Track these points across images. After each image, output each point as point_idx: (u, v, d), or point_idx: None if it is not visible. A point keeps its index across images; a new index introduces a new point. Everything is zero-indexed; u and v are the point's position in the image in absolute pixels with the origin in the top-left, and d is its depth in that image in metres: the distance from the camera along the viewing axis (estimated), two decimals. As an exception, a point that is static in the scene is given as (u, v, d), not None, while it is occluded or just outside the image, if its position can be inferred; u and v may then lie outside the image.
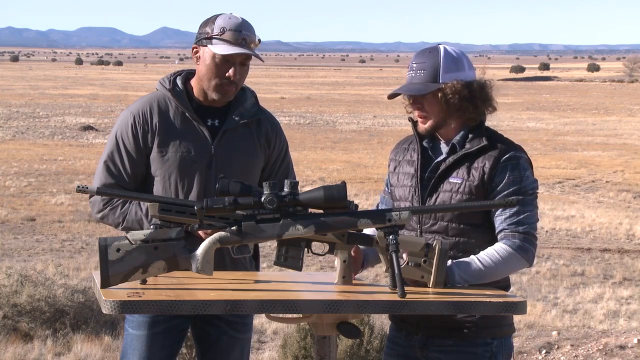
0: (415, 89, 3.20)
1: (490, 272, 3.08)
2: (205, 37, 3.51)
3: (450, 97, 3.16)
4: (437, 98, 3.18)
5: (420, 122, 3.24)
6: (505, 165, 3.15)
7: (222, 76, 3.51)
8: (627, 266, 13.70)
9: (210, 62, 3.50)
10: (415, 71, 3.21)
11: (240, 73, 3.53)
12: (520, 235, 3.11)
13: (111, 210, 3.54)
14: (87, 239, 14.54)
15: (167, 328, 3.57)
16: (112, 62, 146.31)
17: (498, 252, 3.10)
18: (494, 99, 3.25)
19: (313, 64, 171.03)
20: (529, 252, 3.12)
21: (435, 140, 3.29)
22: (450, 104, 3.17)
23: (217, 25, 3.49)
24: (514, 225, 3.12)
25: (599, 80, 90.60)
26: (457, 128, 3.23)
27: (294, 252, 2.94)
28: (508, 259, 3.10)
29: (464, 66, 3.22)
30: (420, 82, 3.19)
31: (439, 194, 3.19)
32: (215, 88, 3.53)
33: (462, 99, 3.17)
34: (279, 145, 3.73)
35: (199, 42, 3.54)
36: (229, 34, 3.47)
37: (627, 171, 24.44)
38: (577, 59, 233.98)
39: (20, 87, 64.12)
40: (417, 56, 3.25)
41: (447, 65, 3.19)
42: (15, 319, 8.26)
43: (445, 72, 3.18)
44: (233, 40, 3.46)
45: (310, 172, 22.99)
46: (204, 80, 3.55)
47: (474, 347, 3.18)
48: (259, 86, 64.67)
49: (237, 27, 3.48)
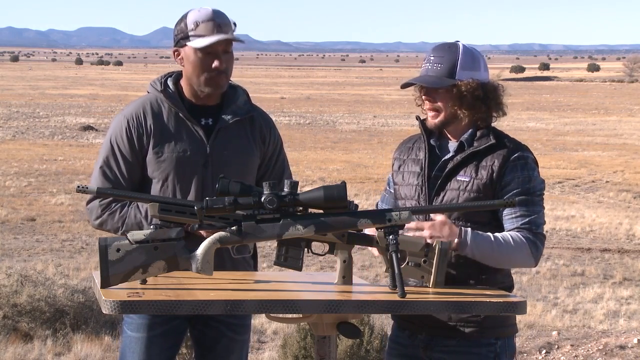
0: (430, 81, 3.19)
1: (499, 253, 3.07)
2: (182, 37, 3.50)
3: (464, 94, 3.16)
4: (450, 94, 3.18)
5: (431, 117, 3.23)
6: (515, 164, 3.15)
7: (209, 69, 3.50)
8: (627, 266, 13.70)
9: (194, 58, 3.49)
10: (432, 64, 3.20)
11: (226, 61, 3.52)
12: (534, 234, 3.12)
13: (110, 215, 3.52)
14: (87, 239, 14.54)
15: (165, 330, 3.56)
16: (112, 62, 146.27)
17: (513, 237, 3.10)
18: (505, 103, 3.25)
19: (313, 64, 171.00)
20: (538, 250, 3.13)
21: (442, 139, 3.29)
22: (463, 101, 3.17)
23: (189, 22, 3.48)
24: (527, 224, 3.12)
25: (599, 80, 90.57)
26: (466, 126, 3.23)
27: (294, 252, 2.94)
28: (519, 248, 3.09)
29: (480, 66, 3.22)
30: (436, 75, 3.19)
31: (446, 192, 3.19)
32: (206, 82, 3.52)
33: (475, 98, 3.17)
34: (274, 142, 3.73)
35: (177, 43, 3.54)
36: (203, 26, 3.46)
37: (627, 171, 24.43)
38: (577, 59, 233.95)
39: (20, 87, 64.11)
40: (435, 49, 3.24)
41: (465, 63, 3.18)
42: (15, 319, 8.26)
43: (462, 69, 3.18)
44: (209, 31, 3.46)
45: (310, 172, 22.98)
46: (193, 78, 3.54)
47: (478, 347, 3.18)
48: (259, 86, 64.66)
49: (209, 17, 3.47)
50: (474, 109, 3.18)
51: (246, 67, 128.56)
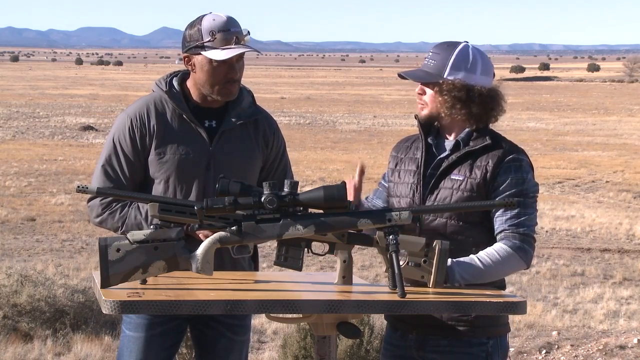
0: (418, 75, 3.25)
1: (490, 272, 3.09)
2: (196, 45, 3.45)
3: (445, 94, 3.19)
4: (434, 91, 3.22)
5: (419, 108, 3.29)
6: (508, 166, 3.16)
7: (223, 79, 3.48)
8: (627, 266, 13.70)
9: (208, 68, 3.46)
10: (428, 60, 3.27)
11: (239, 69, 3.52)
12: (521, 236, 3.12)
13: (110, 214, 3.51)
14: (87, 239, 14.55)
15: (164, 330, 3.56)
16: (112, 62, 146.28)
17: (498, 252, 3.10)
18: (497, 109, 3.24)
19: (313, 64, 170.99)
20: (527, 254, 3.13)
21: (439, 137, 3.30)
22: (444, 100, 3.20)
23: (205, 30, 3.43)
24: (515, 226, 3.12)
25: (599, 80, 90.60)
26: (459, 125, 3.24)
27: (294, 252, 2.94)
28: (507, 260, 3.10)
29: (476, 70, 3.22)
30: (427, 71, 3.24)
31: (439, 190, 3.20)
32: (219, 91, 3.50)
33: (455, 99, 3.19)
34: (277, 145, 3.71)
35: (188, 50, 3.48)
36: (220, 37, 3.42)
37: (627, 171, 24.44)
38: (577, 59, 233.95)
39: (20, 87, 64.11)
40: (436, 46, 3.29)
41: (456, 64, 3.20)
42: (15, 319, 8.26)
43: (452, 69, 3.20)
44: (226, 42, 3.42)
45: (310, 172, 22.99)
46: (205, 86, 3.50)
47: (470, 347, 3.18)
48: (259, 86, 64.65)
49: (225, 27, 3.43)
50: (452, 109, 3.20)
51: (246, 67, 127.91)
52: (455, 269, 3.03)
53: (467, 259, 3.08)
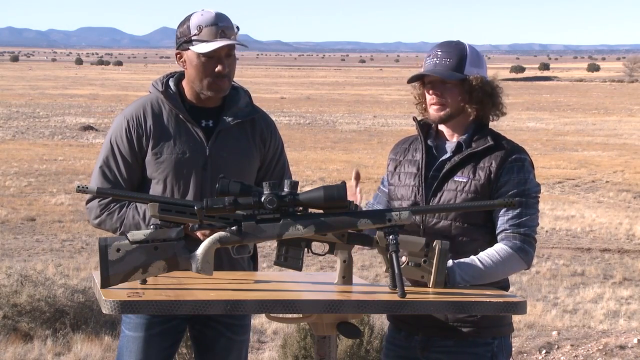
0: (443, 72, 3.19)
1: (490, 273, 3.09)
2: (185, 41, 3.49)
3: (475, 89, 3.17)
4: (460, 88, 3.19)
5: (435, 110, 3.22)
6: (511, 166, 3.16)
7: (212, 73, 3.49)
8: (627, 266, 13.70)
9: (196, 62, 3.48)
10: (440, 58, 3.20)
11: (229, 65, 3.51)
12: (521, 236, 3.12)
13: (108, 215, 3.52)
14: (87, 239, 14.55)
15: (163, 330, 3.56)
16: (112, 62, 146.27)
17: (498, 252, 3.10)
18: (504, 103, 3.27)
19: (313, 64, 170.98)
20: (528, 254, 3.13)
21: (439, 140, 3.30)
22: (472, 96, 3.18)
23: (192, 25, 3.47)
24: (516, 226, 3.12)
25: (599, 80, 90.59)
26: (467, 123, 3.23)
27: (294, 252, 2.94)
28: (508, 260, 3.10)
29: (484, 65, 3.25)
30: (446, 69, 3.19)
31: (443, 193, 3.19)
32: (209, 86, 3.52)
33: (484, 93, 3.18)
34: (274, 145, 3.72)
35: (179, 46, 3.53)
36: (206, 31, 3.45)
37: (627, 171, 24.44)
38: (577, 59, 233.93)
39: (20, 87, 64.11)
40: (442, 45, 3.25)
41: (473, 59, 3.21)
42: (15, 319, 8.26)
43: (470, 64, 3.19)
44: (212, 36, 3.44)
45: (310, 172, 22.99)
46: (195, 82, 3.53)
47: (475, 347, 3.18)
48: (259, 86, 64.64)
49: (212, 22, 3.45)
50: (480, 104, 3.19)
51: (246, 67, 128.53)
52: (455, 270, 3.03)
53: (467, 259, 3.08)
